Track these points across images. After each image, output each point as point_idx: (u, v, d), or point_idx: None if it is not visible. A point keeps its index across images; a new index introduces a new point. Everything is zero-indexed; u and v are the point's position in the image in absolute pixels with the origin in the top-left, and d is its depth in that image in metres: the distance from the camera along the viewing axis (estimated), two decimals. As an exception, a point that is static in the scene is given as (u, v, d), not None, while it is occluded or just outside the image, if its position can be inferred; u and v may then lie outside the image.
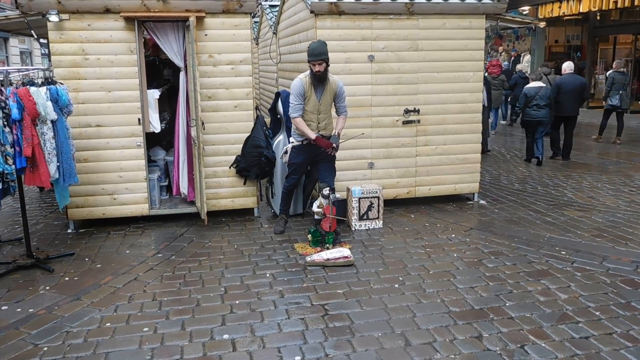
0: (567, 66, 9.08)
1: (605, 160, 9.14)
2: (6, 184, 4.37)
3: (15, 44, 22.75)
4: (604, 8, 14.06)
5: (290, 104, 5.08)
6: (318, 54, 4.89)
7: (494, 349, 3.25)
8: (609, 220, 5.75)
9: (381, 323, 3.57)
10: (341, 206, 5.51)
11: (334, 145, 5.08)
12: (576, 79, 8.95)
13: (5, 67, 5.64)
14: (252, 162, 5.67)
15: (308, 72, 5.05)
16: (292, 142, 5.31)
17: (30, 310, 3.80)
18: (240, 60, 5.58)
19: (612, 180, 7.60)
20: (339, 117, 5.25)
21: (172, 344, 3.33)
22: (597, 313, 3.69)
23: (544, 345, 3.29)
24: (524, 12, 16.39)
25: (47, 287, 4.19)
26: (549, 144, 9.23)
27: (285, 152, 5.38)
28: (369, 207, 5.53)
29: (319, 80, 5.01)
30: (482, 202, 6.52)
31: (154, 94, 5.74)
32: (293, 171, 5.40)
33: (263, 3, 10.79)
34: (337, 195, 5.03)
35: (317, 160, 5.29)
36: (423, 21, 5.90)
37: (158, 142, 6.58)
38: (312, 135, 5.03)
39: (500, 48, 19.39)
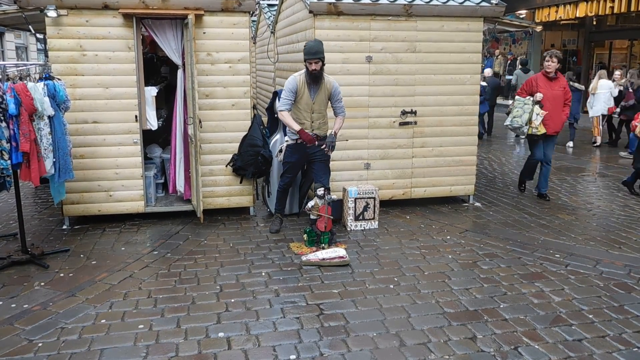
0: (488, 72, 12.22)
1: (599, 165, 9.21)
2: (2, 179, 4.35)
3: (11, 39, 22.63)
4: (600, 13, 14.15)
5: (280, 98, 5.10)
6: (314, 53, 4.90)
7: (487, 350, 3.27)
8: (602, 224, 5.79)
9: (376, 323, 3.58)
10: (336, 206, 5.52)
11: (317, 142, 5.08)
12: (495, 80, 12.30)
13: (2, 62, 5.61)
14: (249, 161, 5.68)
15: (303, 70, 5.06)
16: (287, 141, 5.32)
17: (24, 306, 3.79)
18: (238, 59, 5.58)
19: (607, 185, 7.66)
20: (337, 118, 5.26)
21: (167, 342, 3.33)
22: (590, 316, 3.72)
23: (537, 347, 3.31)
24: (521, 16, 16.47)
25: (42, 283, 4.18)
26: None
27: (280, 151, 5.39)
28: (365, 208, 5.54)
29: (314, 79, 5.01)
30: (477, 204, 6.55)
31: (151, 91, 5.73)
32: (287, 170, 5.41)
33: (261, 2, 10.79)
34: (333, 196, 5.04)
35: (311, 159, 5.30)
36: (421, 23, 5.92)
37: (154, 140, 6.57)
38: (296, 126, 5.03)
39: (497, 51, 19.46)
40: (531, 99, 6.44)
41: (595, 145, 11.05)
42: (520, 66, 12.89)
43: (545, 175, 6.79)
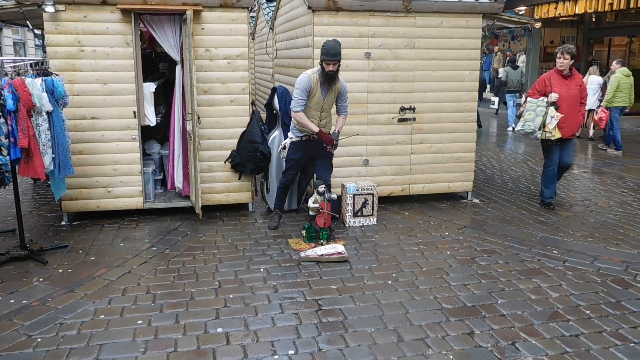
0: None
1: (597, 161, 9.22)
2: (1, 174, 4.35)
3: (8, 35, 22.58)
4: (599, 10, 14.13)
5: (293, 98, 5.07)
6: (335, 54, 4.84)
7: (485, 346, 3.28)
8: (600, 220, 5.81)
9: (374, 319, 3.59)
10: (336, 203, 5.52)
11: (335, 141, 5.09)
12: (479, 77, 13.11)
13: (0, 58, 5.59)
14: (248, 157, 5.68)
15: (316, 68, 5.03)
16: (290, 138, 5.31)
17: (23, 302, 3.79)
18: (236, 55, 5.58)
19: (605, 182, 7.67)
20: (340, 116, 5.25)
21: (166, 337, 3.34)
22: (588, 312, 3.73)
23: (534, 342, 3.33)
24: (520, 13, 16.43)
25: (41, 279, 4.18)
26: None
27: (284, 148, 5.38)
28: (364, 204, 5.55)
29: (329, 79, 4.98)
30: (475, 200, 6.56)
31: (150, 87, 5.72)
32: (291, 167, 5.40)
33: (260, -2, 10.75)
34: (333, 195, 5.04)
35: (315, 156, 5.30)
36: (420, 19, 5.92)
37: (153, 136, 6.56)
38: (315, 128, 5.02)
39: (496, 48, 19.44)
40: (545, 100, 5.88)
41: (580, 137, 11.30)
42: (509, 63, 13.49)
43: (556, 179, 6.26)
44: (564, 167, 6.20)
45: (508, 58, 17.76)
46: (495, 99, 15.63)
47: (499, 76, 14.12)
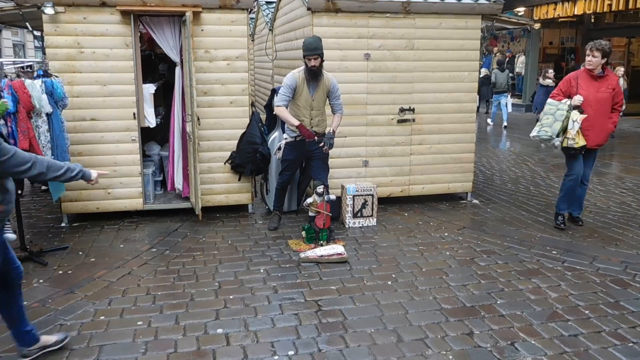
0: None
1: (596, 162, 9.23)
2: None
3: (8, 36, 22.59)
4: (598, 11, 14.16)
5: (277, 93, 5.12)
6: (313, 49, 4.91)
7: (484, 346, 3.29)
8: (599, 220, 5.82)
9: (374, 319, 3.60)
10: (335, 204, 5.53)
11: (316, 138, 5.11)
12: None
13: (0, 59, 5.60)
14: (247, 159, 5.69)
15: (302, 67, 5.07)
16: (285, 139, 5.33)
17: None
18: (236, 56, 5.59)
19: (604, 182, 7.68)
20: (335, 115, 5.27)
21: (166, 338, 3.35)
22: (587, 312, 3.74)
23: (533, 342, 3.33)
24: (519, 13, 16.46)
25: (41, 280, 4.19)
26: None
27: (279, 149, 5.40)
28: (363, 205, 5.56)
29: (313, 75, 5.02)
30: (475, 201, 6.57)
31: (150, 89, 5.73)
32: (286, 167, 5.42)
33: (259, -1, 10.77)
34: (332, 196, 5.05)
35: (310, 157, 5.31)
36: (419, 20, 5.93)
37: (153, 137, 6.57)
38: (295, 122, 5.05)
39: (495, 49, 19.46)
40: (568, 102, 5.17)
41: None
42: (497, 65, 14.24)
43: (580, 196, 5.56)
44: (582, 182, 5.46)
45: (507, 58, 17.82)
46: (477, 97, 16.00)
47: (481, 76, 14.80)
